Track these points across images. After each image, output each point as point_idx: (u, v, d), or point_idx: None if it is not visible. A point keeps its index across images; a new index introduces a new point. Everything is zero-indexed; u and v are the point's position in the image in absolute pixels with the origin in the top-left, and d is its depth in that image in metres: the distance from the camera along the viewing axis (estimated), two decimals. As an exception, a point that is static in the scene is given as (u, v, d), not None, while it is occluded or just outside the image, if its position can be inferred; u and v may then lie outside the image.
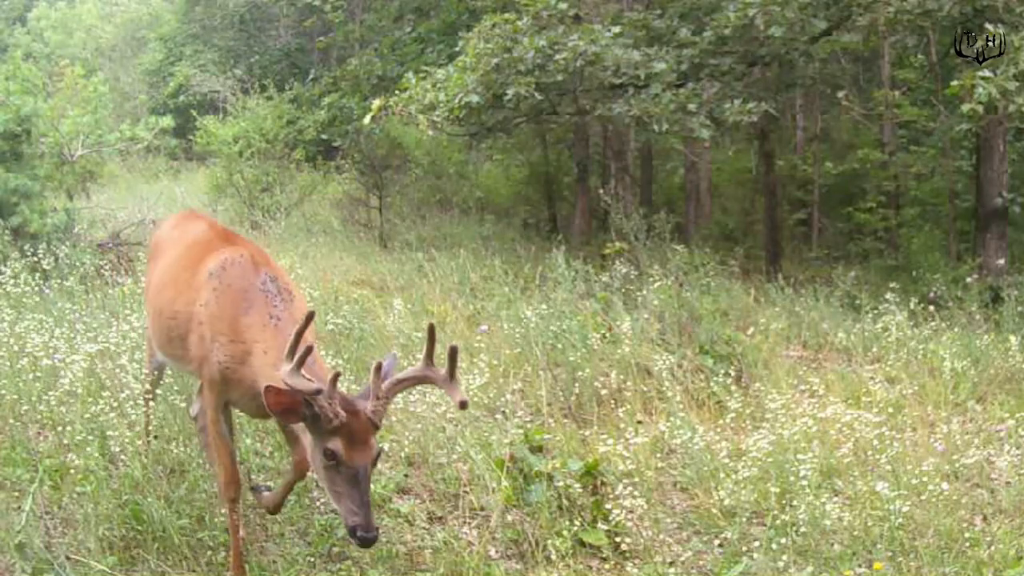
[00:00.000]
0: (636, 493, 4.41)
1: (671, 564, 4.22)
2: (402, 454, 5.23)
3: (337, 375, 3.47)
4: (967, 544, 4.31)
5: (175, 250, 4.43)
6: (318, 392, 3.41)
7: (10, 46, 26.35)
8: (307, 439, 3.61)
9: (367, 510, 3.44)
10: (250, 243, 4.38)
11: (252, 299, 3.85)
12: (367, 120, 10.91)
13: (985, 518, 4.71)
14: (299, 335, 3.43)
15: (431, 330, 3.64)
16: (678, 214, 14.17)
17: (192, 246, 4.30)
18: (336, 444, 3.44)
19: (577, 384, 6.21)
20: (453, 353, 3.60)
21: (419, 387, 3.81)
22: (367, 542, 3.47)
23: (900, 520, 4.29)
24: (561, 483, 4.53)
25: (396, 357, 3.89)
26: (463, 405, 3.64)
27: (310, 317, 3.48)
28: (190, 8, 25.95)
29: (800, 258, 13.50)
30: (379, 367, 3.56)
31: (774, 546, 4.10)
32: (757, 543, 4.18)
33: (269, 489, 4.38)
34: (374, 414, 3.53)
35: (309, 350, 3.41)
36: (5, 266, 7.29)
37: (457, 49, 11.43)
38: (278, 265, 4.20)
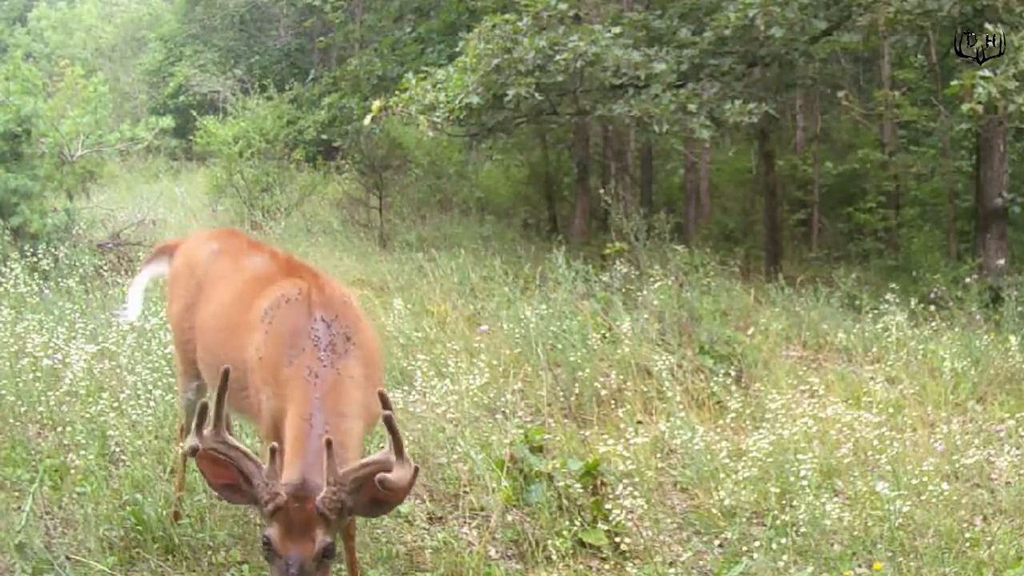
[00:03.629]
0: (636, 493, 4.40)
1: (671, 564, 4.22)
2: (402, 454, 5.22)
3: (274, 450, 2.95)
4: (967, 544, 4.31)
5: (230, 286, 3.88)
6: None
7: (10, 46, 26.31)
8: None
9: None
10: (315, 273, 3.80)
11: (301, 345, 3.34)
12: (367, 120, 10.92)
13: (985, 518, 4.71)
14: (220, 398, 2.94)
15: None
16: (678, 214, 14.19)
17: (251, 281, 3.79)
18: (271, 531, 2.93)
19: (577, 384, 6.21)
20: (389, 422, 2.93)
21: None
22: None
23: (900, 520, 4.29)
24: (561, 483, 4.52)
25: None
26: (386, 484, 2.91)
27: (225, 375, 2.97)
28: (190, 8, 25.92)
29: (800, 258, 13.51)
30: (329, 443, 2.89)
31: (774, 546, 4.10)
32: (757, 543, 4.18)
33: None
34: (323, 502, 2.90)
35: (216, 413, 2.91)
36: (5, 266, 7.29)
37: (457, 49, 11.43)
38: (345, 297, 3.63)
